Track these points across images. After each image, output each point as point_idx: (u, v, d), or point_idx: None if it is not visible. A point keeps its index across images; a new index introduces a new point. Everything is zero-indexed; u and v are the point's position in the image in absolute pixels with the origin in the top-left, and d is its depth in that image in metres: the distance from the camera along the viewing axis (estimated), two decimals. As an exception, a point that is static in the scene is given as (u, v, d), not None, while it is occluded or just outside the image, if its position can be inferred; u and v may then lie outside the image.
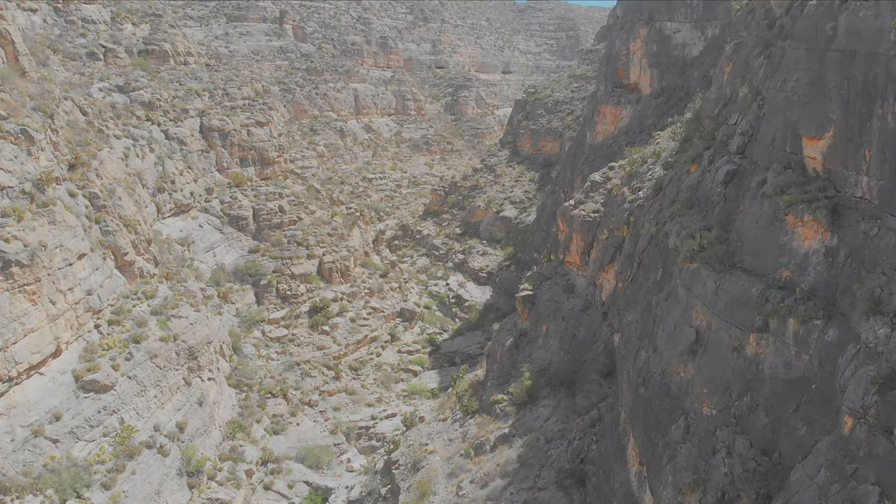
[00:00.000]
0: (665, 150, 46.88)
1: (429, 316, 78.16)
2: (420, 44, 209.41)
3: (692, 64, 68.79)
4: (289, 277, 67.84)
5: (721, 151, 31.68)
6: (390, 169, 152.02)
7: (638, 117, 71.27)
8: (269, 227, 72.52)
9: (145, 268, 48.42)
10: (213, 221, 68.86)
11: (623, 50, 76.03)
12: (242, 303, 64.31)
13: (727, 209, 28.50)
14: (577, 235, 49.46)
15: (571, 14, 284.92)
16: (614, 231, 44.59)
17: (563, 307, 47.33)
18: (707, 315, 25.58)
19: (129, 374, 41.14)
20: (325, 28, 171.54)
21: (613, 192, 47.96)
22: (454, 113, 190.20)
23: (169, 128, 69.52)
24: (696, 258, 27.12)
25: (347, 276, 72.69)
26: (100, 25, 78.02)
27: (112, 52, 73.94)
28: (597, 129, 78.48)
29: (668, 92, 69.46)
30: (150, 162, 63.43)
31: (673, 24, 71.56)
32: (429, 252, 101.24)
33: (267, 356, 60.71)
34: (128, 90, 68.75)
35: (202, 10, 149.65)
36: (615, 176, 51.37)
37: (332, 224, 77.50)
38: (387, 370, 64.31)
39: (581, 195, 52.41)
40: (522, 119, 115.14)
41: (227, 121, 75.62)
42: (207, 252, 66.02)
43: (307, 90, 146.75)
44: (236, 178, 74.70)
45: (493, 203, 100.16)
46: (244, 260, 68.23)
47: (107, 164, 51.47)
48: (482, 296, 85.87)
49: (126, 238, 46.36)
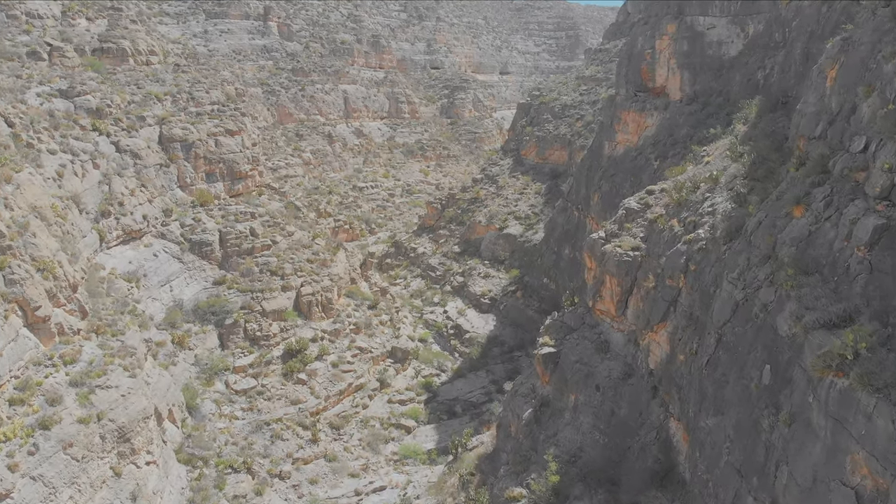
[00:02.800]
0: (723, 172, 36.99)
1: (424, 353, 68.15)
2: (414, 43, 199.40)
3: (731, 65, 58.87)
4: (259, 315, 57.72)
5: (844, 191, 21.85)
6: (382, 177, 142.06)
7: (667, 126, 61.43)
8: (237, 253, 62.37)
9: (67, 322, 38.27)
10: (170, 249, 58.68)
11: (647, 48, 66.14)
12: (203, 348, 54.17)
13: (879, 286, 18.59)
14: (610, 279, 39.46)
15: (570, 13, 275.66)
16: (665, 278, 34.62)
17: (596, 372, 37.37)
18: (877, 470, 15.71)
19: (33, 475, 31.12)
20: (313, 26, 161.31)
21: (658, 226, 38.05)
22: (450, 116, 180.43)
23: (121, 139, 59.34)
24: (847, 371, 17.26)
25: (329, 311, 62.61)
26: (47, 21, 67.79)
27: (58, 50, 63.73)
28: (616, 138, 68.63)
29: (704, 97, 59.62)
30: (93, 181, 53.22)
31: (706, 18, 61.60)
32: (424, 273, 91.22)
33: (230, 415, 50.57)
34: (71, 95, 58.55)
35: (179, 7, 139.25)
36: (656, 203, 41.45)
37: (313, 248, 67.40)
38: (374, 427, 54.26)
39: (613, 225, 42.44)
40: (526, 125, 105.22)
41: (191, 129, 65.43)
42: (163, 286, 55.86)
43: (293, 92, 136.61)
44: (201, 195, 64.53)
45: (495, 218, 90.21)
46: (207, 294, 58.07)
47: (25, 190, 41.35)
48: (484, 326, 75.90)
49: (38, 287, 36.23)
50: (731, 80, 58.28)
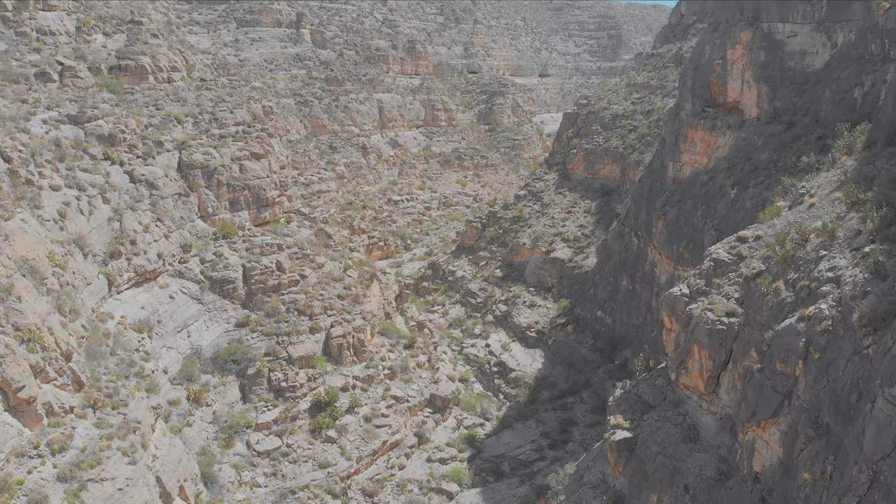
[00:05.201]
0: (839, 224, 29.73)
1: (466, 397, 61.78)
2: (451, 47, 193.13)
3: (818, 79, 51.10)
4: (285, 362, 52.06)
5: None
6: (418, 188, 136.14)
7: (744, 148, 53.93)
8: (262, 290, 56.83)
9: (57, 400, 32.87)
10: (189, 288, 53.37)
11: (717, 59, 58.62)
12: (222, 402, 48.69)
13: None
14: (700, 350, 32.44)
15: (612, 12, 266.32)
16: (774, 359, 27.59)
17: (683, 468, 30.45)
18: None
19: None
20: (347, 32, 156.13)
21: (758, 286, 31.01)
22: (488, 122, 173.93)
23: (135, 167, 54.26)
24: None
25: (362, 353, 56.69)
26: (60, 37, 63.19)
27: (70, 70, 58.95)
28: (682, 158, 61.26)
29: (786, 115, 51.99)
30: (102, 218, 48.11)
31: (787, 25, 53.87)
32: (464, 299, 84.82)
33: (251, 482, 44.90)
34: (82, 120, 53.65)
35: (210, 15, 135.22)
36: (751, 253, 34.30)
37: (345, 281, 61.54)
38: (412, 493, 48.07)
39: (699, 279, 35.41)
40: (573, 136, 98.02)
41: (213, 154, 60.13)
42: (179, 332, 50.56)
43: (326, 102, 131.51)
44: (224, 226, 59.18)
45: (541, 241, 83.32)
46: (228, 339, 52.60)
47: (16, 240, 36.23)
48: (532, 363, 69.19)
49: (22, 364, 30.84)
50: (818, 98, 50.50)
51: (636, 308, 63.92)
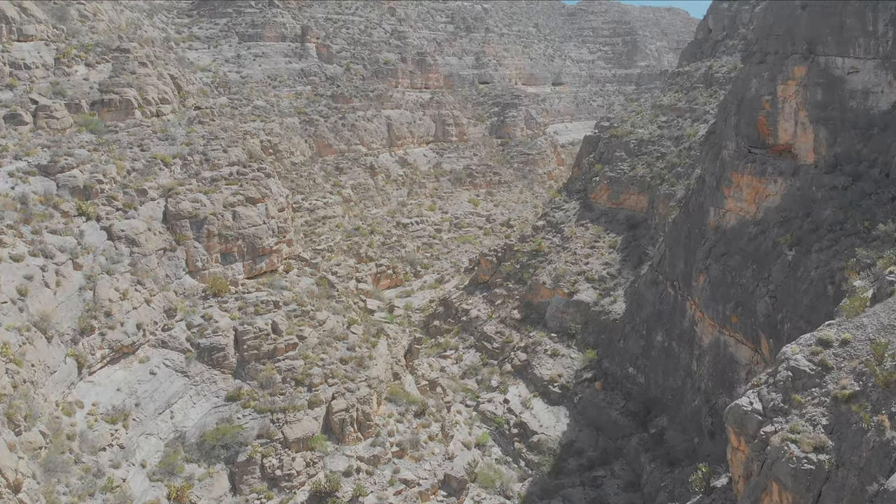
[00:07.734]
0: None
1: (483, 469, 55.63)
2: (462, 57, 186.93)
3: (885, 124, 44.54)
4: (280, 445, 46.05)
5: None
6: (428, 209, 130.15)
7: (800, 199, 47.44)
8: (256, 357, 50.79)
9: (-8, 549, 26.94)
10: (173, 360, 47.43)
11: (765, 95, 52.08)
12: (209, 498, 42.67)
13: None
14: (780, 490, 26.12)
15: (626, 17, 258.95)
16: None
17: None
18: None
19: None
20: (355, 45, 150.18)
21: (855, 417, 24.68)
22: (501, 135, 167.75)
23: (114, 222, 48.36)
24: None
25: (367, 428, 50.62)
26: (36, 71, 57.40)
27: (45, 109, 53.14)
28: (725, 204, 54.83)
29: (849, 165, 45.52)
30: (72, 289, 42.24)
31: (846, 60, 47.26)
32: (479, 343, 78.60)
33: None
34: (54, 171, 47.82)
35: (211, 29, 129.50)
36: (839, 364, 27.82)
37: (349, 340, 55.50)
38: None
39: (773, 392, 28.97)
40: (595, 161, 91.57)
41: (203, 202, 54.21)
42: (161, 414, 44.61)
43: (332, 121, 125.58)
44: (215, 282, 53.24)
45: (562, 280, 76.94)
46: (217, 417, 46.61)
47: (-47, 340, 30.23)
48: (556, 424, 62.88)
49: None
50: (887, 146, 44.02)
51: (673, 369, 57.54)
